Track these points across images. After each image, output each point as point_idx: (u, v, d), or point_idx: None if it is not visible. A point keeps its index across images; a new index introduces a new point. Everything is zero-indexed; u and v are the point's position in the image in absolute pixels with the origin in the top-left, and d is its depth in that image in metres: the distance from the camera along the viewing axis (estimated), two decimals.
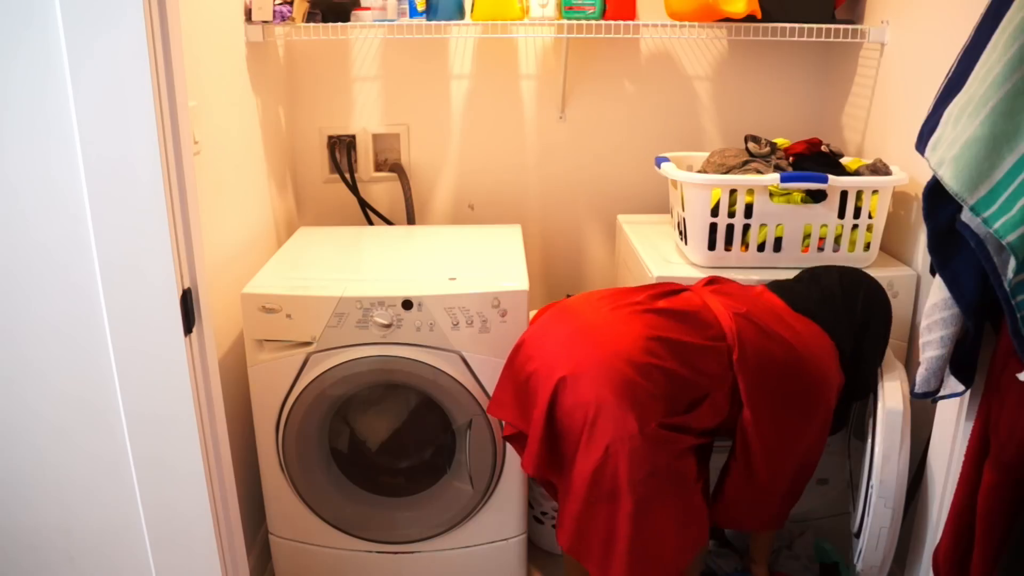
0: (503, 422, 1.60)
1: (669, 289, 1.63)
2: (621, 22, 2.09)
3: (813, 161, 1.88)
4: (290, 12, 2.06)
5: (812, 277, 1.67)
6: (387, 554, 1.93)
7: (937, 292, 1.39)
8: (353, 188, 2.43)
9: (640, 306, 1.53)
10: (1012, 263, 1.17)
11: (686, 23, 2.11)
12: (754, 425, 1.47)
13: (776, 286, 1.66)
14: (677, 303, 1.55)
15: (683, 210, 1.89)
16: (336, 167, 2.44)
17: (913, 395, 1.48)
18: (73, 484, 1.24)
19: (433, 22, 2.13)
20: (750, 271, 1.85)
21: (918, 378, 1.45)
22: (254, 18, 2.00)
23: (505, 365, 1.62)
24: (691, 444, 1.43)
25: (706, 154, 2.06)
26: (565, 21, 2.11)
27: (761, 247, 1.85)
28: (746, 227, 1.83)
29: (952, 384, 1.42)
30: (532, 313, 1.77)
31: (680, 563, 1.43)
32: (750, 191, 1.80)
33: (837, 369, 1.55)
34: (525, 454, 1.51)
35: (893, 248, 1.97)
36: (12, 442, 1.20)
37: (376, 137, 2.44)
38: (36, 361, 1.17)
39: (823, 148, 1.94)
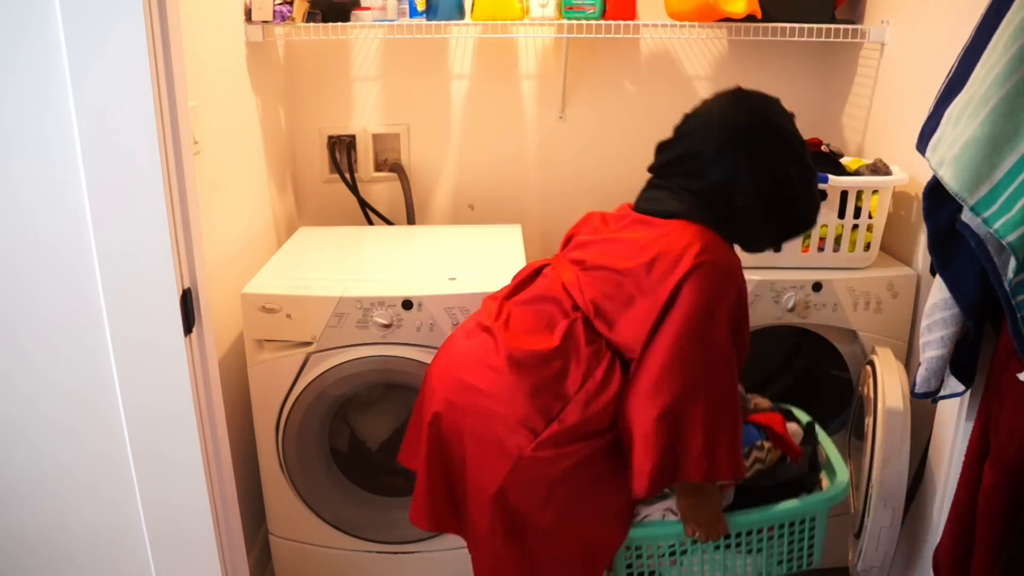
0: None
1: (529, 274, 1.54)
2: (621, 22, 2.09)
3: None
4: (290, 12, 2.06)
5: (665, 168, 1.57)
6: (387, 554, 1.93)
7: (937, 292, 1.39)
8: (353, 188, 2.43)
9: (494, 318, 1.45)
10: (1012, 263, 1.17)
11: (686, 23, 2.11)
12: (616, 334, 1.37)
13: (642, 201, 1.58)
14: (531, 292, 1.48)
15: None
16: (336, 167, 2.44)
17: (913, 395, 1.48)
18: (73, 483, 1.24)
19: (433, 22, 2.13)
20: (750, 271, 1.84)
21: (918, 378, 1.45)
22: (254, 18, 2.00)
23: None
24: (588, 449, 1.35)
25: None
26: (565, 21, 2.11)
27: None
28: None
29: (952, 384, 1.43)
30: None
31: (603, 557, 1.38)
32: None
33: (705, 247, 1.36)
34: (412, 506, 1.44)
35: (893, 248, 1.97)
36: (12, 440, 1.20)
37: (376, 137, 2.44)
38: (37, 361, 1.17)
39: (823, 148, 1.94)
